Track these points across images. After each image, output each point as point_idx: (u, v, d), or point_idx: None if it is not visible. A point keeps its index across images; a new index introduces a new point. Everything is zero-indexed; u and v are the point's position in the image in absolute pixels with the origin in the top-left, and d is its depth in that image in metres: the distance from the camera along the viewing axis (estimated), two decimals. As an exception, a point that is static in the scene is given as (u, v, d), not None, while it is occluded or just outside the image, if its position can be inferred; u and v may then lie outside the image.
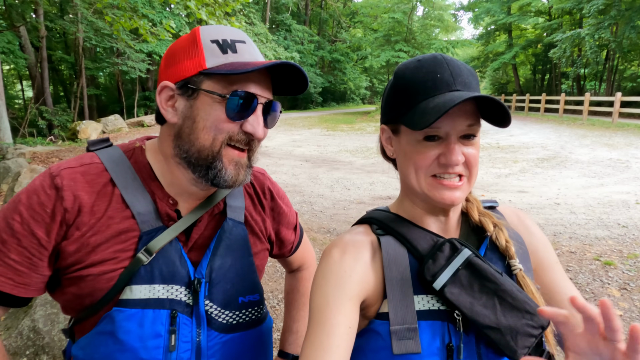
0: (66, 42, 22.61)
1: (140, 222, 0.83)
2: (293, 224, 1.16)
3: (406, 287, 0.78)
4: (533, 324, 0.74)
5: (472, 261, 0.77)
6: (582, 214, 5.77)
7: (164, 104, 0.84)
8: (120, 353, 0.80)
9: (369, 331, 0.78)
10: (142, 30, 9.00)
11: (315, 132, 17.25)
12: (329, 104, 41.25)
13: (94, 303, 0.82)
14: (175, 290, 0.84)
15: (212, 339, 0.87)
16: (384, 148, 0.90)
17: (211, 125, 0.81)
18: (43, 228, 0.79)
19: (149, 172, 0.88)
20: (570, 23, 28.11)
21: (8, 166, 6.94)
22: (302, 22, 37.88)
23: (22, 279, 0.80)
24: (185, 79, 0.82)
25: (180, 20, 15.28)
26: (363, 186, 7.68)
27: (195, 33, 0.84)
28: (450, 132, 0.76)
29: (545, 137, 13.88)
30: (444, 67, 0.77)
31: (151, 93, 23.49)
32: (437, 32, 37.81)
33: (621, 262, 4.18)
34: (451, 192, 0.77)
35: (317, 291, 0.78)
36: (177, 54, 0.84)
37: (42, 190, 0.80)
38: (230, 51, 0.82)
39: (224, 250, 0.91)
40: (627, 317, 3.20)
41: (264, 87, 0.85)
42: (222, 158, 0.83)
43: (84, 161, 0.86)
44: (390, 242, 0.82)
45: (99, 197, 0.83)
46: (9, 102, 20.27)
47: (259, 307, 0.97)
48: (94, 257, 0.80)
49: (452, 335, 0.75)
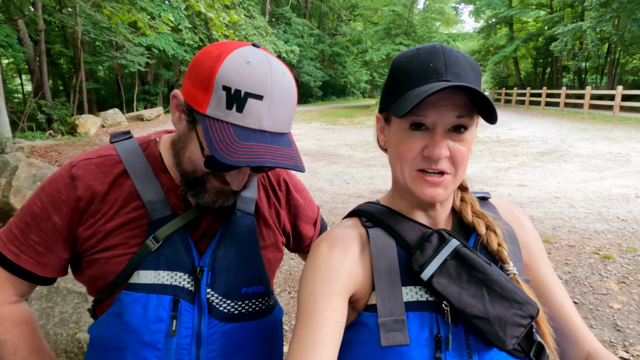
0: (65, 36, 22.48)
1: (150, 210, 0.87)
2: (312, 218, 1.15)
3: (394, 279, 0.77)
4: (522, 313, 0.73)
5: (460, 251, 0.76)
6: (581, 207, 5.76)
7: (174, 108, 0.84)
8: (126, 334, 0.84)
9: (358, 324, 0.78)
10: (141, 23, 8.95)
11: (315, 126, 17.21)
12: (329, 98, 41.15)
13: (107, 285, 0.87)
14: (179, 277, 0.87)
15: (212, 327, 0.88)
16: (378, 138, 0.89)
17: (195, 160, 0.82)
18: (58, 214, 0.85)
19: (160, 164, 0.91)
20: (572, 16, 27.92)
21: (6, 160, 6.93)
22: (302, 16, 37.68)
23: (41, 259, 0.87)
24: (190, 106, 0.79)
25: (179, 13, 15.17)
26: (362, 180, 7.67)
27: (217, 64, 0.74)
28: (437, 122, 0.73)
29: (545, 130, 13.84)
30: (439, 56, 0.74)
31: (150, 87, 23.41)
32: (438, 25, 37.59)
33: (620, 255, 4.17)
34: (432, 189, 0.76)
35: (305, 286, 0.78)
36: (197, 73, 0.77)
37: (61, 179, 0.86)
38: (236, 109, 0.73)
39: (229, 240, 0.92)
40: (625, 310, 3.20)
41: None
42: (205, 184, 0.84)
43: (101, 153, 0.91)
44: (378, 234, 0.82)
45: (113, 187, 0.87)
46: (8, 96, 20.22)
47: (265, 299, 0.97)
48: (107, 242, 0.85)
49: (440, 326, 0.74)
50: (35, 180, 4.91)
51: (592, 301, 3.35)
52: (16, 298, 0.93)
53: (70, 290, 2.21)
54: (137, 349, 0.83)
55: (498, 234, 0.82)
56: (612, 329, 2.97)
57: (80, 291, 2.21)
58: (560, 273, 3.85)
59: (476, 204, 0.87)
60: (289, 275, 3.78)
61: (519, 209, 0.95)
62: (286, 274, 3.79)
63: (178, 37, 19.10)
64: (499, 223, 0.85)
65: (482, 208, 0.88)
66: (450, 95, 0.72)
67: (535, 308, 0.75)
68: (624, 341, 2.82)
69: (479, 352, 0.75)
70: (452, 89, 0.71)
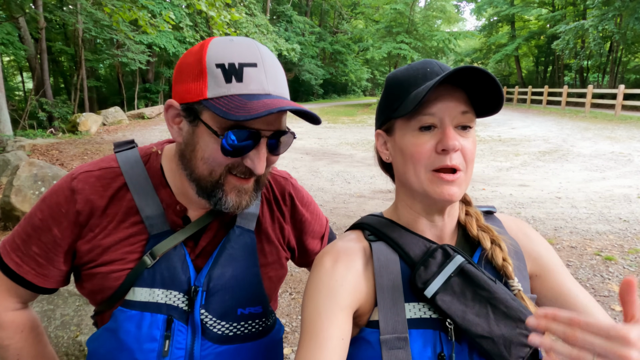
0: (66, 34, 22.46)
1: (149, 225, 0.86)
2: (320, 232, 1.11)
3: (397, 295, 0.76)
4: (527, 333, 0.72)
5: (465, 268, 0.75)
6: (583, 208, 5.75)
7: (171, 122, 0.83)
8: (119, 352, 0.83)
9: (360, 339, 0.77)
10: (142, 21, 8.93)
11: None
12: (330, 96, 41.08)
13: (105, 299, 0.86)
14: (174, 297, 0.85)
15: (205, 349, 0.85)
16: (380, 154, 0.88)
17: (209, 157, 0.78)
18: (58, 226, 0.84)
19: (160, 178, 0.89)
20: (574, 14, 27.81)
21: (7, 159, 6.93)
22: (304, 13, 37.58)
23: (42, 270, 0.87)
24: (189, 103, 0.78)
25: (180, 11, 15.14)
26: (363, 179, 7.66)
27: (202, 51, 0.76)
28: (444, 118, 0.74)
29: (547, 130, 13.81)
30: (433, 64, 0.78)
31: (151, 85, 23.39)
32: (439, 24, 37.52)
33: (622, 257, 4.16)
34: (449, 187, 0.75)
35: (309, 302, 0.76)
36: (184, 71, 0.79)
37: (61, 191, 0.85)
38: (235, 79, 0.74)
39: (226, 259, 0.89)
40: (627, 313, 3.19)
41: (271, 120, 0.78)
42: (223, 187, 0.81)
43: (103, 165, 0.89)
44: (381, 248, 0.80)
45: (112, 201, 0.86)
46: (9, 94, 20.20)
47: (262, 320, 0.94)
48: (105, 257, 0.84)
49: (444, 345, 0.73)
50: (36, 179, 4.91)
51: (594, 303, 3.34)
52: (20, 305, 0.93)
53: (71, 293, 2.20)
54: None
55: (503, 248, 0.80)
56: (614, 331, 2.96)
57: (81, 294, 2.21)
58: (562, 274, 3.84)
59: (481, 217, 0.86)
60: (290, 276, 3.78)
61: (525, 224, 0.93)
62: (287, 275, 3.77)
63: (179, 35, 19.05)
64: (504, 237, 0.84)
65: (487, 222, 0.87)
66: (451, 92, 0.74)
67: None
68: (626, 344, 2.81)
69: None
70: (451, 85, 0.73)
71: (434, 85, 0.69)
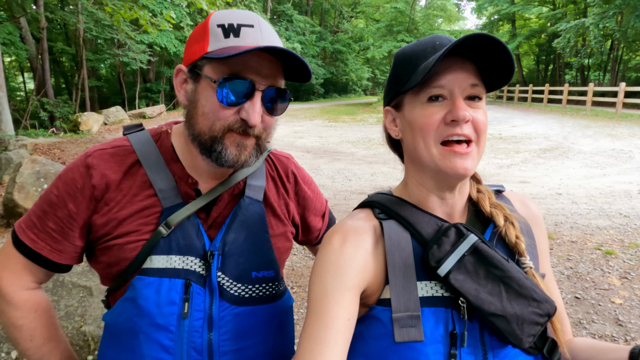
0: (67, 34, 22.52)
1: (162, 198, 0.89)
2: (321, 210, 1.16)
3: (409, 273, 0.75)
4: (539, 311, 0.72)
5: (479, 247, 0.75)
6: (583, 204, 5.76)
7: (178, 87, 0.90)
8: (139, 318, 0.86)
9: (370, 317, 0.76)
10: (143, 21, 8.95)
11: (317, 123, 17.20)
12: (331, 96, 41.10)
13: (122, 272, 0.89)
14: (190, 262, 0.88)
15: (223, 310, 0.89)
16: (389, 131, 0.86)
17: (209, 112, 0.83)
18: (74, 201, 0.88)
19: (172, 154, 0.94)
20: (575, 12, 27.79)
21: (10, 157, 6.96)
22: (304, 13, 37.60)
23: (57, 246, 0.90)
24: (192, 63, 0.85)
25: (180, 10, 15.17)
26: (364, 177, 7.68)
27: (207, 18, 0.86)
28: (454, 89, 0.74)
29: (548, 127, 13.81)
30: (442, 37, 0.77)
31: (152, 85, 23.42)
32: (440, 22, 37.49)
33: (622, 251, 4.17)
34: (462, 160, 0.73)
35: (316, 281, 0.76)
36: (192, 37, 0.88)
37: (76, 168, 0.89)
38: (233, 35, 0.82)
39: (238, 225, 0.94)
40: (627, 305, 3.20)
41: (265, 74, 0.83)
42: (224, 141, 0.84)
43: (115, 144, 0.93)
44: (392, 226, 0.79)
45: (126, 176, 0.90)
46: (11, 94, 20.26)
47: (275, 284, 0.98)
48: (121, 230, 0.87)
49: (456, 323, 0.73)
50: (39, 176, 4.94)
51: (594, 296, 3.36)
52: (34, 285, 0.95)
53: (75, 284, 2.23)
54: (150, 332, 0.85)
55: (516, 226, 0.80)
56: (614, 323, 2.98)
57: (85, 285, 2.23)
58: (562, 268, 3.85)
59: (492, 195, 0.86)
60: (291, 270, 3.80)
61: (531, 201, 0.94)
62: (288, 269, 3.80)
63: (180, 35, 19.10)
64: (516, 215, 0.84)
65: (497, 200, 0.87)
66: (462, 64, 0.74)
67: (553, 306, 0.74)
68: (625, 335, 2.83)
69: (494, 349, 0.74)
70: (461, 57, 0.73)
71: (443, 53, 0.68)
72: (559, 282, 3.62)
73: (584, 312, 3.14)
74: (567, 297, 3.36)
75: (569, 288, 3.50)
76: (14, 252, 0.91)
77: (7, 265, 0.92)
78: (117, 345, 0.89)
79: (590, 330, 2.90)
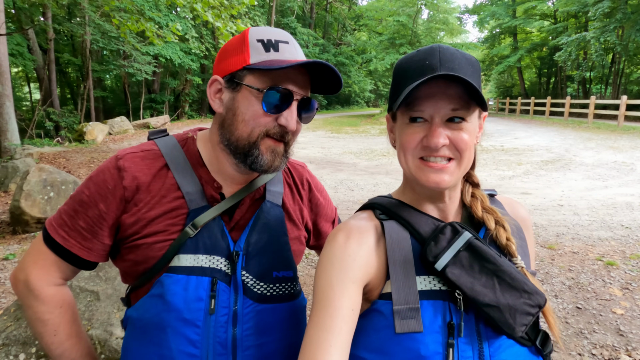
0: (74, 45, 22.83)
1: (189, 200, 0.95)
2: (331, 217, 1.23)
3: (409, 269, 0.80)
4: (531, 302, 0.77)
5: (473, 243, 0.80)
6: (585, 215, 5.78)
7: (212, 96, 0.96)
8: (167, 313, 0.90)
9: (372, 311, 0.81)
10: (149, 32, 9.10)
11: (320, 134, 17.31)
12: (334, 107, 41.33)
13: (148, 270, 0.94)
14: (217, 261, 0.94)
15: (247, 307, 0.94)
16: (389, 137, 0.93)
17: (249, 119, 0.90)
18: (105, 202, 0.93)
19: (198, 159, 0.99)
20: (576, 26, 28.03)
21: (16, 166, 7.04)
22: (307, 25, 38.03)
23: (86, 244, 0.95)
24: (232, 73, 0.91)
25: (186, 22, 15.39)
26: (366, 187, 7.72)
27: (245, 33, 0.93)
28: (433, 115, 0.78)
29: (550, 140, 13.86)
30: (435, 54, 0.79)
31: (157, 95, 23.64)
32: (442, 35, 37.78)
33: (624, 262, 4.19)
34: (437, 175, 0.79)
35: (321, 274, 0.81)
36: (228, 50, 0.94)
37: (107, 170, 0.94)
38: (273, 50, 0.90)
39: (261, 227, 0.99)
40: (628, 315, 3.21)
41: (300, 85, 0.92)
42: (260, 146, 0.91)
43: (144, 147, 0.99)
44: (393, 226, 0.85)
45: (155, 178, 0.95)
46: (17, 104, 20.48)
47: (292, 283, 1.03)
48: (149, 229, 0.92)
49: (452, 314, 0.78)
50: (45, 184, 5.00)
51: (595, 306, 3.37)
52: (61, 281, 0.99)
53: (82, 289, 2.27)
54: (178, 326, 0.90)
55: (507, 229, 0.85)
56: (615, 333, 2.98)
57: (92, 290, 2.27)
58: (564, 279, 3.87)
59: (486, 200, 0.91)
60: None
61: (522, 206, 0.99)
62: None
63: (185, 46, 19.35)
64: (508, 219, 0.88)
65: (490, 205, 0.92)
66: (444, 89, 0.77)
67: (543, 298, 0.78)
68: (626, 346, 2.84)
69: (489, 339, 0.78)
70: (445, 82, 0.76)
71: (412, 90, 0.73)
72: (561, 292, 3.63)
73: (585, 322, 3.15)
74: (568, 307, 3.37)
75: (571, 298, 3.52)
76: (44, 249, 0.96)
77: (37, 261, 0.96)
78: (144, 339, 0.93)
79: (591, 341, 2.92)
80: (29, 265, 0.97)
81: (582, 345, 2.87)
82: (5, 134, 9.53)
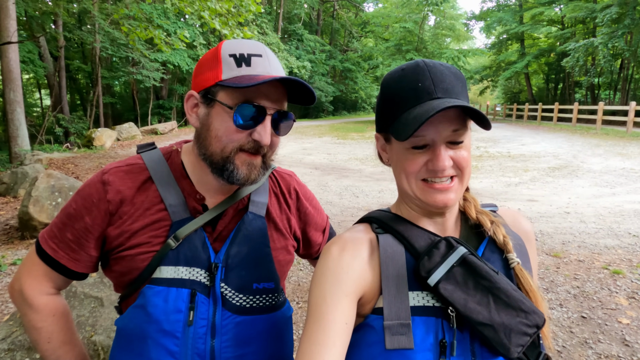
0: (83, 52, 23.20)
1: (172, 212, 0.96)
2: (322, 226, 1.23)
3: (401, 283, 0.79)
4: (528, 322, 0.74)
5: (467, 259, 0.78)
6: (592, 223, 5.73)
7: (189, 111, 0.96)
8: (148, 324, 0.92)
9: (365, 326, 0.80)
10: (157, 40, 9.23)
11: (326, 140, 17.34)
12: (340, 113, 41.41)
13: (133, 280, 0.95)
14: (197, 272, 0.95)
15: (225, 319, 0.95)
16: (380, 155, 0.93)
17: (222, 135, 0.90)
18: (90, 215, 0.95)
19: (182, 171, 1.01)
20: (584, 32, 27.92)
21: (26, 172, 7.14)
22: (314, 32, 38.25)
23: (74, 255, 0.97)
24: (206, 89, 0.92)
25: (194, 30, 15.60)
26: (372, 194, 7.72)
27: (218, 47, 0.93)
28: (435, 139, 0.77)
29: (557, 146, 13.76)
30: (425, 75, 0.78)
31: (165, 102, 23.88)
32: (449, 42, 37.84)
33: (630, 271, 4.14)
34: (443, 195, 0.79)
35: (315, 287, 0.80)
36: (203, 65, 0.94)
37: (93, 184, 0.97)
38: (245, 64, 0.90)
39: (241, 239, 1.00)
40: (634, 325, 3.18)
41: (273, 99, 0.92)
42: (234, 161, 0.92)
43: (130, 162, 1.01)
44: (388, 240, 0.84)
45: (139, 192, 0.97)
46: (28, 109, 20.78)
47: (274, 295, 1.03)
48: (133, 241, 0.94)
49: (445, 332, 0.75)
50: (53, 190, 5.07)
51: (600, 316, 3.34)
52: (53, 290, 1.02)
53: (87, 295, 2.30)
54: (158, 337, 0.91)
55: (501, 227, 0.85)
56: (621, 343, 2.95)
57: (96, 296, 2.30)
58: (569, 287, 3.84)
59: (477, 202, 0.91)
60: (297, 285, 3.83)
61: (524, 218, 0.97)
62: (295, 285, 3.84)
63: (192, 53, 19.57)
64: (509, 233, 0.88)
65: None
66: (444, 112, 0.76)
67: (542, 318, 0.75)
68: (632, 356, 2.81)
69: (484, 359, 0.76)
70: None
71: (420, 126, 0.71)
72: (566, 301, 3.60)
73: (590, 332, 3.12)
74: (573, 317, 3.34)
75: (576, 307, 3.49)
76: (37, 260, 0.99)
77: (31, 272, 1.00)
78: (127, 349, 0.96)
79: (596, 350, 2.89)
80: (23, 275, 1.00)
81: (586, 355, 2.85)
82: (16, 140, 9.69)
